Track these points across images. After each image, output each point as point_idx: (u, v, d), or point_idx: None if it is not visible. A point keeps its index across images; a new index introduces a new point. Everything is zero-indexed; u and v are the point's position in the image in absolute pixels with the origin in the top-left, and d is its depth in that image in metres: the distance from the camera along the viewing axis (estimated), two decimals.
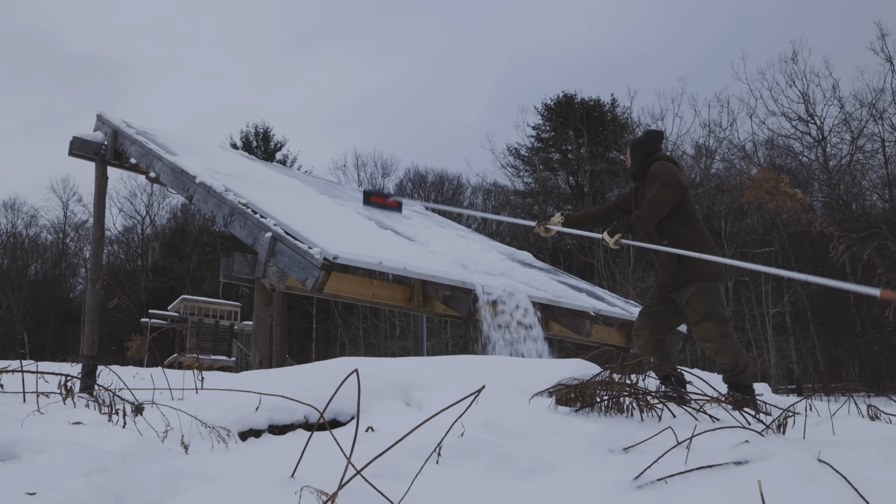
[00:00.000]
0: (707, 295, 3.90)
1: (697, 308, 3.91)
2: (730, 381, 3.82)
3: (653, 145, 4.33)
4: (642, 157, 4.29)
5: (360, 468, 1.76)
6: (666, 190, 3.99)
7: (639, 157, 4.30)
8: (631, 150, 4.40)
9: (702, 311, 3.89)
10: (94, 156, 8.19)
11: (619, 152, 32.25)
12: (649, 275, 22.68)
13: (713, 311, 3.88)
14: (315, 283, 5.04)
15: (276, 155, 38.32)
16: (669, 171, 4.06)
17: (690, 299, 3.94)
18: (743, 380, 3.77)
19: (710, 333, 3.87)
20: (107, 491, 1.98)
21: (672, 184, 4.01)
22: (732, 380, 3.80)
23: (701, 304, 3.90)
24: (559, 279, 8.77)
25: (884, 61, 26.94)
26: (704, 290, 3.90)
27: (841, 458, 2.10)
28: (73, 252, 40.43)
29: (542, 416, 2.71)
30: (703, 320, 3.88)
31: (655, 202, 4.00)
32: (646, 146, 4.32)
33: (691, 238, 4.02)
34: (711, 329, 3.86)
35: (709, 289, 3.91)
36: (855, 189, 26.03)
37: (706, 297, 3.90)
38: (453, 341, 26.08)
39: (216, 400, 2.91)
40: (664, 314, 4.17)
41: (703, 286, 3.91)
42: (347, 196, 9.81)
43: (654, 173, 4.09)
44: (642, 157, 4.29)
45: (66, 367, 6.75)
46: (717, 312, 3.88)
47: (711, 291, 3.91)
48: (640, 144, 4.35)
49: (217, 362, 20.79)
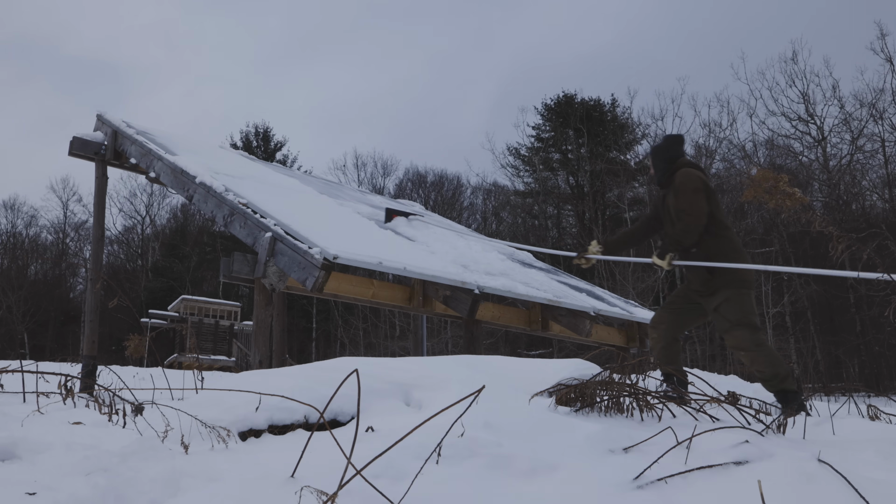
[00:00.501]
0: (737, 303, 3.84)
1: (728, 316, 3.85)
2: (774, 389, 3.75)
3: (674, 150, 4.26)
4: (665, 164, 4.22)
5: (360, 468, 1.76)
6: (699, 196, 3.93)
7: (661, 165, 4.24)
8: (653, 157, 4.34)
9: (732, 319, 3.83)
10: (94, 156, 8.19)
11: (619, 152, 32.27)
12: (649, 275, 22.68)
13: (744, 318, 3.82)
14: (315, 283, 5.04)
15: (276, 155, 38.33)
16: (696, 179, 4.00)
17: (720, 306, 3.88)
18: (788, 386, 3.71)
19: (742, 342, 3.80)
20: (107, 491, 1.98)
21: (702, 189, 3.96)
22: (778, 388, 3.73)
23: (731, 311, 3.84)
24: (559, 279, 8.77)
25: (884, 61, 26.94)
26: (734, 297, 3.84)
27: (841, 458, 2.10)
28: (73, 252, 40.45)
29: (542, 416, 2.71)
30: (734, 328, 3.82)
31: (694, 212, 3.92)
32: (667, 152, 4.25)
33: (720, 245, 3.97)
34: (744, 338, 3.80)
35: (739, 297, 3.85)
36: (855, 189, 26.02)
37: (736, 304, 3.84)
38: (453, 341, 26.07)
39: (216, 400, 2.91)
40: (685, 313, 4.13)
41: (732, 294, 3.85)
42: (347, 196, 9.81)
43: (681, 182, 4.02)
44: (665, 164, 4.22)
45: (66, 367, 6.75)
46: (749, 320, 3.82)
47: (742, 299, 3.85)
48: (661, 151, 4.28)
49: (217, 362, 20.79)
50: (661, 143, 4.37)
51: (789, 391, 3.71)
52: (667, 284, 24.31)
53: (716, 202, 4.07)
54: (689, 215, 3.95)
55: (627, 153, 32.69)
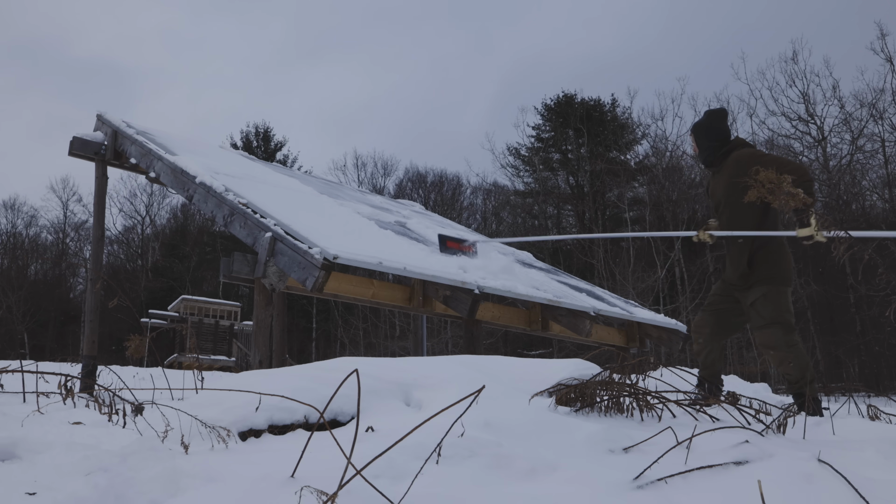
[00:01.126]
0: (774, 299, 3.72)
1: (763, 312, 3.73)
2: (797, 392, 3.68)
3: (719, 128, 4.07)
4: (710, 142, 4.03)
5: (360, 468, 1.76)
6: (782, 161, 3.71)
7: (707, 143, 4.05)
8: (695, 135, 4.14)
9: (767, 317, 3.71)
10: (94, 156, 8.19)
11: (619, 152, 32.26)
12: (649, 275, 22.68)
13: (780, 316, 3.70)
14: (315, 283, 5.04)
15: (276, 155, 38.33)
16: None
17: (756, 302, 3.76)
18: (811, 392, 3.63)
19: (774, 341, 3.69)
20: (107, 491, 1.98)
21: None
22: (800, 390, 3.66)
23: (767, 308, 3.72)
24: (559, 279, 8.77)
25: (884, 61, 26.94)
26: (772, 294, 3.73)
27: (841, 458, 2.10)
28: (73, 252, 40.44)
29: (542, 416, 2.71)
30: (768, 326, 3.71)
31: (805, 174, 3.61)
32: (711, 130, 4.06)
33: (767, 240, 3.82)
34: (777, 336, 3.68)
35: (776, 294, 3.73)
36: (855, 189, 26.02)
37: (773, 301, 3.72)
38: (453, 341, 26.07)
39: (216, 400, 2.91)
40: (727, 314, 3.98)
41: (770, 290, 3.73)
42: (347, 196, 9.81)
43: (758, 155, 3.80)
44: (710, 142, 4.03)
45: (66, 367, 6.75)
46: (784, 319, 3.70)
47: (779, 297, 3.73)
48: (703, 129, 4.08)
49: (217, 362, 20.79)
50: (704, 120, 4.15)
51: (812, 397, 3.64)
52: (667, 285, 24.31)
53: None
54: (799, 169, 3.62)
55: (627, 153, 32.71)
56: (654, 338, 8.35)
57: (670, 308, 22.91)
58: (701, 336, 4.01)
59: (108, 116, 8.29)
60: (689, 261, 24.90)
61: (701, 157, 4.15)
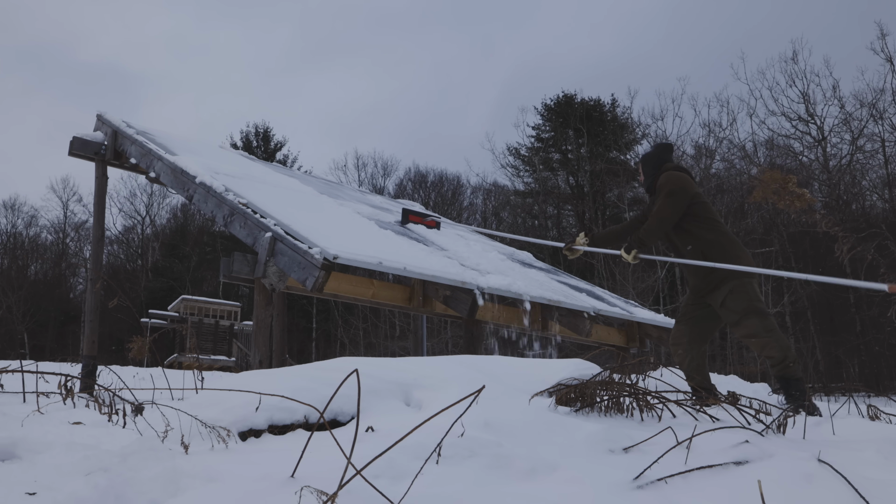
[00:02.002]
0: (741, 292, 3.84)
1: (734, 307, 3.84)
2: (780, 374, 3.76)
3: (662, 157, 4.32)
4: (653, 170, 4.28)
5: (360, 468, 1.76)
6: (670, 200, 3.98)
7: (650, 171, 4.30)
8: (642, 165, 4.39)
9: (740, 310, 3.82)
10: (94, 156, 8.19)
11: (620, 152, 32.25)
12: (649, 275, 22.68)
13: (751, 306, 3.81)
14: (315, 283, 5.04)
15: (276, 155, 38.33)
16: (674, 181, 4.04)
17: (725, 300, 3.87)
18: (793, 372, 3.72)
19: (753, 330, 3.79)
20: (107, 491, 1.98)
21: (677, 193, 3.99)
22: (782, 373, 3.73)
23: (737, 302, 3.83)
24: (559, 279, 8.76)
25: (884, 61, 26.95)
26: (738, 287, 3.85)
27: (841, 458, 2.10)
28: (73, 252, 40.45)
29: (542, 416, 2.71)
30: (744, 318, 3.81)
31: (660, 214, 4.00)
32: (655, 159, 4.32)
33: (716, 240, 3.98)
34: (754, 325, 3.79)
35: (742, 286, 3.85)
36: (855, 189, 26.03)
37: (741, 294, 3.84)
38: (453, 341, 26.07)
39: (216, 400, 2.91)
40: (701, 320, 4.08)
41: (735, 284, 3.85)
42: (347, 196, 9.81)
43: (661, 184, 4.09)
44: (653, 170, 4.28)
45: (66, 367, 6.76)
46: (756, 307, 3.82)
47: (745, 288, 3.85)
48: (650, 158, 4.35)
49: (217, 362, 20.79)
50: (651, 151, 4.45)
51: (793, 377, 3.72)
52: (667, 285, 24.31)
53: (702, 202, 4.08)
54: (655, 216, 4.02)
55: (627, 153, 32.70)
56: (654, 338, 8.35)
57: (670, 308, 22.91)
58: (680, 347, 4.10)
59: (108, 116, 8.28)
60: None
61: (645, 184, 4.39)
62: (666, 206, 3.99)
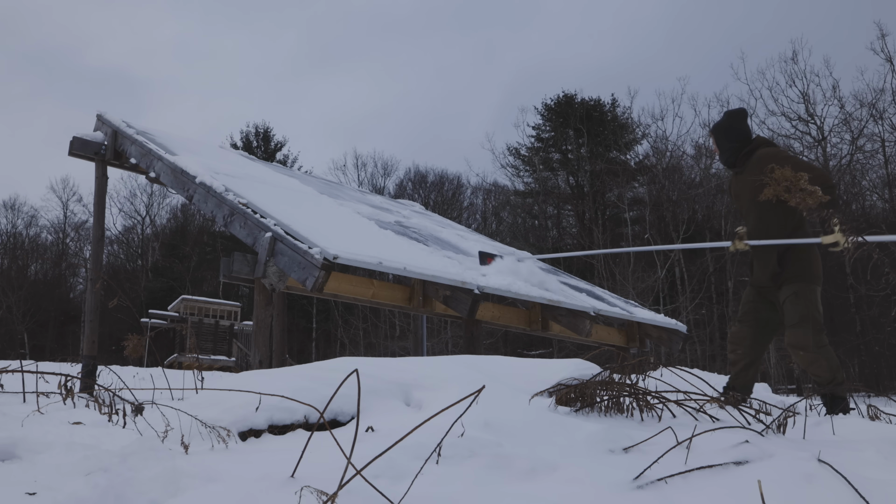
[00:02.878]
0: (805, 297, 3.67)
1: (794, 310, 3.67)
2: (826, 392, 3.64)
3: (739, 128, 4.05)
4: (731, 142, 4.01)
5: (360, 468, 1.76)
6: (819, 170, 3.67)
7: (728, 144, 4.02)
8: (715, 137, 4.11)
9: (798, 315, 3.65)
10: (94, 156, 8.19)
11: (619, 152, 32.24)
12: (649, 275, 22.68)
13: (809, 315, 3.64)
14: (315, 283, 5.04)
15: (276, 155, 38.32)
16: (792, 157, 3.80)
17: (787, 300, 3.71)
18: (840, 392, 3.60)
19: (803, 341, 3.63)
20: (107, 491, 1.98)
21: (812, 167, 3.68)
22: (830, 391, 3.62)
23: (798, 306, 3.66)
24: (559, 279, 8.76)
25: (884, 61, 26.96)
26: (803, 291, 3.68)
27: (841, 458, 2.10)
28: (73, 252, 40.44)
29: (542, 416, 2.71)
30: (799, 325, 3.64)
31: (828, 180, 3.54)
32: (731, 130, 4.03)
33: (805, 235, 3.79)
34: (806, 337, 3.62)
35: (807, 291, 3.69)
36: (855, 189, 26.03)
37: (804, 299, 3.67)
38: (453, 341, 26.07)
39: (216, 400, 2.91)
40: (767, 323, 3.90)
41: (801, 287, 3.68)
42: (347, 196, 9.81)
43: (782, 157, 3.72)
44: (731, 142, 4.01)
45: (66, 367, 6.76)
46: (813, 317, 3.65)
47: (810, 294, 3.69)
48: (723, 130, 4.06)
49: (217, 362, 20.79)
50: (724, 121, 4.13)
51: (839, 398, 3.62)
52: (667, 285, 24.31)
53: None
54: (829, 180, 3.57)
55: (627, 153, 32.70)
56: (654, 338, 8.35)
57: (670, 308, 22.92)
58: (740, 348, 3.91)
59: (108, 116, 8.28)
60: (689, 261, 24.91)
61: (722, 159, 4.12)
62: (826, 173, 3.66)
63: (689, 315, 21.91)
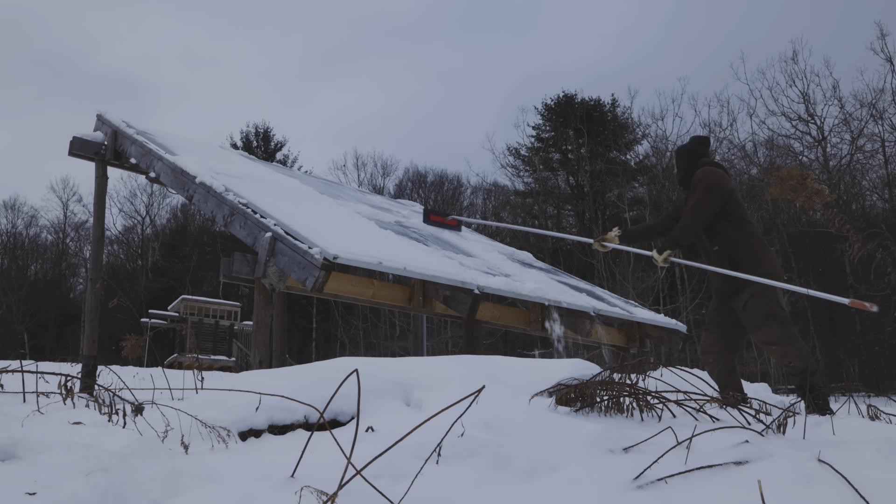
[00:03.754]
0: (764, 296, 3.77)
1: (755, 311, 3.78)
2: (801, 383, 3.69)
3: (697, 151, 4.25)
4: (687, 164, 4.21)
5: (360, 468, 1.76)
6: (707, 195, 3.90)
7: (684, 164, 4.23)
8: (676, 157, 4.33)
9: (760, 315, 3.76)
10: (94, 156, 8.19)
11: (620, 152, 32.26)
12: (649, 275, 22.67)
13: (772, 312, 3.75)
14: (315, 283, 5.04)
15: (276, 155, 38.32)
16: (712, 176, 3.97)
17: (747, 304, 3.81)
18: (815, 380, 3.66)
19: (773, 336, 3.73)
20: (107, 491, 1.98)
21: (714, 189, 3.92)
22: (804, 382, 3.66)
23: (758, 306, 3.77)
24: (559, 279, 8.76)
25: (884, 61, 26.96)
26: (760, 291, 3.79)
27: (841, 458, 2.10)
28: (73, 252, 40.44)
29: (542, 416, 2.71)
30: (764, 324, 3.75)
31: (696, 209, 3.91)
32: (690, 153, 4.24)
33: (744, 241, 3.92)
34: (774, 332, 3.73)
35: (765, 290, 3.79)
36: (855, 189, 26.03)
37: (762, 298, 3.77)
38: (453, 341, 26.06)
39: (216, 400, 2.91)
40: (731, 328, 4.00)
41: (758, 288, 3.79)
42: (347, 196, 9.81)
43: (698, 179, 4.01)
44: (687, 164, 4.21)
45: (66, 367, 6.76)
46: (777, 313, 3.76)
47: (768, 293, 3.79)
48: (684, 152, 4.27)
49: (217, 362, 20.79)
50: (687, 144, 4.34)
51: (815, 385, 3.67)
52: (667, 285, 24.30)
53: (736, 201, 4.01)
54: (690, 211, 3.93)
55: (627, 153, 32.71)
56: (654, 338, 8.34)
57: (670, 308, 22.91)
58: (710, 356, 4.00)
59: (108, 116, 8.28)
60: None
61: (678, 178, 4.33)
62: (704, 200, 3.90)
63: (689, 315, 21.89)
